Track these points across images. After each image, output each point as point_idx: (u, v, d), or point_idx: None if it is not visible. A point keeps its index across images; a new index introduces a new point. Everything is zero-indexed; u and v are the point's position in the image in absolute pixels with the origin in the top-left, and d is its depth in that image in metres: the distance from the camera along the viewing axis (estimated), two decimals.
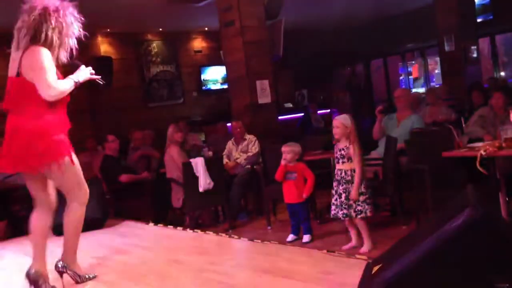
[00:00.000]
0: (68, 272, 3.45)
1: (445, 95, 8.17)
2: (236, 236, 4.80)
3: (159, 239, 4.91)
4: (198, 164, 5.98)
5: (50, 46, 3.24)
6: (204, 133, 10.42)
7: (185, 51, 12.32)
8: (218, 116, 10.09)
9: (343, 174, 4.45)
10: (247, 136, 6.71)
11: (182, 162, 6.03)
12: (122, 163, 7.17)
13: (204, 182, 5.93)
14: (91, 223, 5.37)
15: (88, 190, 3.49)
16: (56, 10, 3.24)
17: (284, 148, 5.07)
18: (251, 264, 3.81)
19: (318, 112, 12.07)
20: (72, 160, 3.31)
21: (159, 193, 6.54)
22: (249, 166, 6.47)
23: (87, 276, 3.54)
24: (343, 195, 4.42)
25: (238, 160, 6.59)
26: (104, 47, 10.82)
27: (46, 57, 3.19)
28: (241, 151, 6.66)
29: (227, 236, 4.91)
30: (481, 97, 7.35)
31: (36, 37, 3.22)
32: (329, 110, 12.77)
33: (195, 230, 5.13)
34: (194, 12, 9.63)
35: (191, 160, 6.06)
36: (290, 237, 5.05)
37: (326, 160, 5.81)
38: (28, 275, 3.33)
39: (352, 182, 4.38)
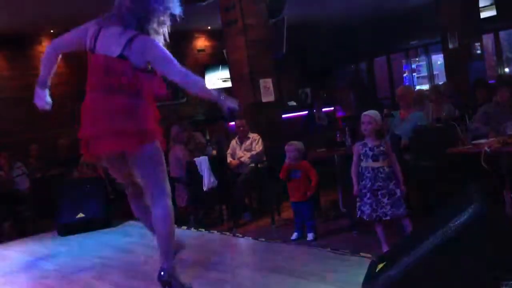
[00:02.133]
0: (173, 282, 2.97)
1: (448, 92, 8.15)
2: (240, 235, 4.80)
3: None
4: (202, 163, 5.98)
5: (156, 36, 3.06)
6: (208, 132, 10.42)
7: (189, 50, 12.33)
8: (221, 115, 10.08)
9: (386, 170, 4.20)
10: (251, 135, 6.70)
11: (186, 161, 6.03)
12: None
13: (208, 181, 5.94)
14: (95, 223, 5.40)
15: None
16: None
17: (287, 147, 5.07)
18: (255, 262, 3.81)
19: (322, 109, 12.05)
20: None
21: None
22: (253, 165, 6.46)
23: (187, 284, 3.09)
24: (379, 193, 4.18)
25: (242, 159, 6.58)
26: None
27: (162, 46, 3.04)
28: (245, 150, 6.65)
29: (231, 235, 4.91)
30: (485, 93, 7.32)
31: (140, 26, 2.98)
32: (332, 108, 12.75)
33: (200, 229, 5.13)
34: (197, 11, 9.62)
35: (195, 159, 6.07)
36: (294, 235, 5.05)
37: (330, 158, 5.80)
38: (161, 279, 2.97)
39: (389, 179, 4.18)
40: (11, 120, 9.47)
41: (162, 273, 2.93)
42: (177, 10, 3.11)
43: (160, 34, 3.08)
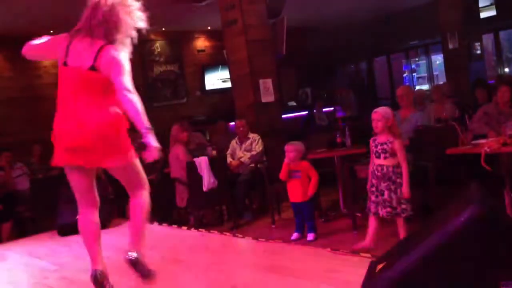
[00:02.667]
0: (140, 265, 3.13)
1: (449, 92, 8.15)
2: (240, 235, 4.80)
3: (164, 238, 4.91)
4: (202, 163, 5.98)
5: (122, 46, 3.12)
6: (208, 132, 10.42)
7: (189, 51, 12.33)
8: (221, 116, 10.10)
9: (385, 170, 4.21)
10: (251, 135, 6.71)
11: (186, 162, 6.03)
12: None
13: (208, 181, 5.94)
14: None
15: None
16: (122, 10, 3.10)
17: (287, 147, 5.07)
18: (255, 263, 3.81)
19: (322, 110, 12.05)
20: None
21: (164, 192, 6.54)
22: (253, 165, 6.46)
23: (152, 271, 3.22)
24: (386, 193, 4.19)
25: (242, 159, 6.58)
26: None
27: (125, 57, 3.08)
28: (245, 150, 6.66)
29: (232, 235, 4.91)
30: (485, 93, 7.33)
31: (109, 36, 3.05)
32: (332, 108, 12.75)
33: (200, 230, 5.13)
34: (196, 12, 9.63)
35: (195, 159, 6.06)
36: (295, 235, 5.05)
37: (330, 158, 5.80)
38: (94, 278, 3.15)
39: (395, 179, 4.17)
40: (12, 120, 9.48)
41: (132, 254, 3.10)
42: (141, 24, 3.21)
43: (126, 45, 3.15)
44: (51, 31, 3.38)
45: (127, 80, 2.99)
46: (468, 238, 2.12)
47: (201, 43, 12.51)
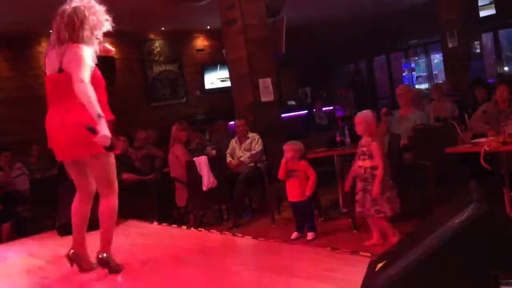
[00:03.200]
0: (111, 263, 3.46)
1: (449, 91, 8.16)
2: (240, 235, 4.79)
3: (163, 238, 4.90)
4: (202, 163, 5.98)
5: (87, 44, 3.29)
6: (208, 132, 10.42)
7: (188, 50, 12.33)
8: (221, 115, 10.10)
9: (362, 171, 4.35)
10: (250, 134, 6.71)
11: (186, 161, 6.03)
12: (127, 162, 7.16)
13: (208, 181, 5.94)
14: (95, 223, 5.39)
15: None
16: (87, 9, 3.31)
17: (285, 147, 5.07)
18: (255, 262, 3.81)
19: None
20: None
21: (163, 192, 6.54)
22: (253, 164, 6.46)
23: (121, 265, 3.56)
24: (360, 193, 4.33)
25: (242, 159, 6.58)
26: None
27: (86, 53, 3.24)
28: (245, 149, 6.66)
29: (231, 234, 4.91)
30: (484, 92, 7.33)
31: (74, 36, 3.25)
32: (332, 107, 12.75)
33: (199, 229, 5.13)
34: (196, 11, 9.63)
35: (195, 159, 6.06)
36: (294, 235, 5.05)
37: (329, 157, 5.81)
38: (67, 256, 3.54)
39: (372, 180, 4.25)
40: (11, 120, 9.47)
41: (102, 255, 3.42)
42: (107, 25, 3.43)
43: (92, 44, 3.34)
44: (50, 31, 3.39)
45: (82, 72, 3.14)
46: (468, 237, 2.12)
47: (201, 42, 12.51)
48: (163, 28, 11.62)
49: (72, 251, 3.57)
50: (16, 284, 3.90)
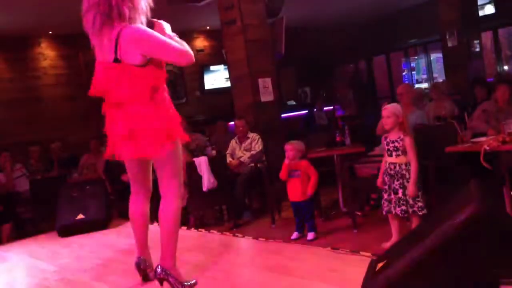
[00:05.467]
0: (170, 279, 3.03)
1: (449, 90, 8.15)
2: (240, 235, 4.79)
3: None
4: (202, 163, 5.98)
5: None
6: (208, 132, 10.42)
7: None
8: (221, 115, 10.10)
9: (397, 168, 4.17)
10: (250, 135, 6.71)
11: (186, 162, 6.02)
12: None
13: (207, 181, 5.94)
14: (95, 224, 5.39)
15: None
16: None
17: (286, 146, 5.08)
18: (255, 262, 3.81)
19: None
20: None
21: None
22: (253, 165, 6.46)
23: (188, 283, 3.10)
24: (400, 191, 4.15)
25: (242, 159, 6.58)
26: None
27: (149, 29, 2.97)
28: (245, 150, 6.66)
29: (232, 235, 4.91)
30: (484, 91, 7.33)
31: (120, 17, 2.91)
32: (332, 107, 12.76)
33: (199, 230, 5.13)
34: (195, 12, 9.62)
35: (195, 159, 6.06)
36: (295, 235, 5.05)
37: (330, 157, 5.80)
38: (136, 264, 3.30)
39: (408, 177, 4.12)
40: (11, 122, 9.48)
41: (159, 269, 3.05)
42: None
43: (142, 22, 3.09)
44: (50, 32, 3.37)
45: (170, 45, 3.18)
46: (468, 237, 2.11)
47: (200, 43, 12.51)
48: None
49: (140, 257, 3.34)
50: (16, 285, 3.90)
